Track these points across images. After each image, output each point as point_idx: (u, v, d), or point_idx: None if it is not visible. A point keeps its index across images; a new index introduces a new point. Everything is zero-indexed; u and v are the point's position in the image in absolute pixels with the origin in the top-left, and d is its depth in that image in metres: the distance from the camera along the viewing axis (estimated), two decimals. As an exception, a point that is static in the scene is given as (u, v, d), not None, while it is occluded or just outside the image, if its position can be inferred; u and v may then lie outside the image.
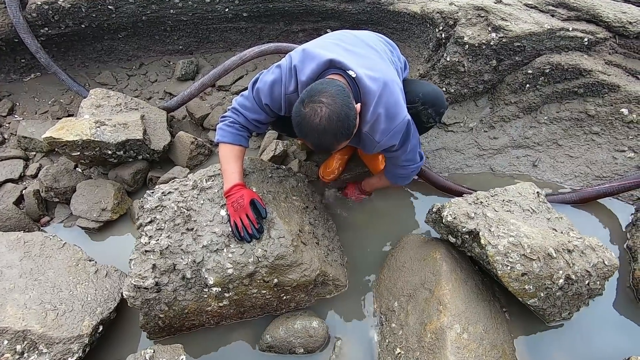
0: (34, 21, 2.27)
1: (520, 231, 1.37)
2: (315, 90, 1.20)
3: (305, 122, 1.18)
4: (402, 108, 1.34)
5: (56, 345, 1.36)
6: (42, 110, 2.46)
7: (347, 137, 1.22)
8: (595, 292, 1.45)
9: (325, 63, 1.29)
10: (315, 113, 1.16)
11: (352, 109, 1.19)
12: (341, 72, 1.29)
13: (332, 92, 1.17)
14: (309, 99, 1.18)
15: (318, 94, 1.18)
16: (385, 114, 1.31)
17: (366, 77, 1.29)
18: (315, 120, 1.16)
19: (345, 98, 1.18)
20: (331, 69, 1.30)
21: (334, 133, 1.18)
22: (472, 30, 1.92)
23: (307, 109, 1.17)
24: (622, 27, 1.90)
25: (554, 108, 2.03)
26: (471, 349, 1.27)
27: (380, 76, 1.31)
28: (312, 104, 1.17)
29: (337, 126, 1.17)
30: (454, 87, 2.05)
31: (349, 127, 1.20)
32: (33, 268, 1.55)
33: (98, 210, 1.90)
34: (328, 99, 1.16)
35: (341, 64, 1.29)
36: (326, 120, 1.16)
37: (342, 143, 1.26)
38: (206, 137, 2.29)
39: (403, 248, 1.69)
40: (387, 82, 1.31)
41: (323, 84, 1.21)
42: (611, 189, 1.76)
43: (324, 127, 1.17)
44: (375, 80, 1.29)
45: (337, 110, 1.16)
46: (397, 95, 1.32)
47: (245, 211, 1.38)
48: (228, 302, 1.44)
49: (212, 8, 2.36)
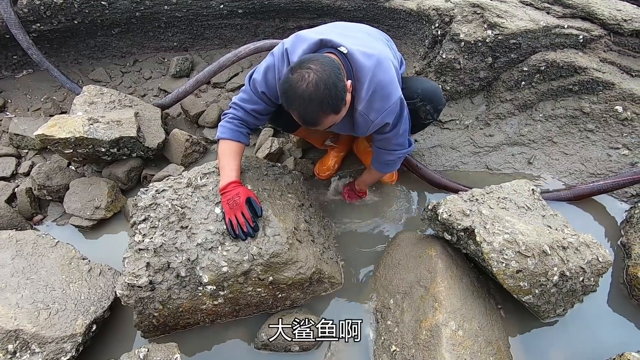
0: (26, 17, 2.24)
1: (515, 228, 1.37)
2: (305, 58, 1.19)
3: (291, 88, 1.15)
4: (396, 87, 1.31)
5: (49, 345, 1.34)
6: (35, 108, 2.44)
7: (333, 109, 1.18)
8: (590, 289, 1.46)
9: (317, 43, 1.28)
10: (303, 78, 1.14)
11: (341, 80, 1.17)
12: (333, 50, 1.28)
13: (322, 61, 1.16)
14: (297, 65, 1.17)
15: (307, 61, 1.16)
16: (380, 92, 1.29)
17: (359, 53, 1.26)
18: (302, 86, 1.13)
19: (334, 68, 1.16)
20: (322, 48, 1.29)
21: (320, 101, 1.15)
22: (468, 27, 1.92)
23: (295, 75, 1.15)
24: (617, 25, 1.90)
25: (549, 105, 2.03)
26: (466, 346, 1.27)
27: (374, 53, 1.28)
28: (301, 70, 1.15)
29: (324, 94, 1.14)
30: (450, 85, 2.05)
31: (337, 97, 1.16)
32: (25, 267, 1.53)
33: (91, 209, 1.88)
34: (317, 65, 1.14)
35: (332, 42, 1.27)
36: (313, 86, 1.13)
37: (329, 117, 1.21)
38: (201, 135, 2.28)
39: (399, 245, 1.69)
40: (381, 59, 1.28)
41: (314, 55, 1.20)
42: (605, 186, 1.77)
43: (310, 94, 1.14)
44: (369, 57, 1.27)
45: (325, 77, 1.13)
46: (391, 73, 1.30)
47: (240, 209, 1.37)
48: (223, 300, 1.44)
49: (207, 4, 2.34)
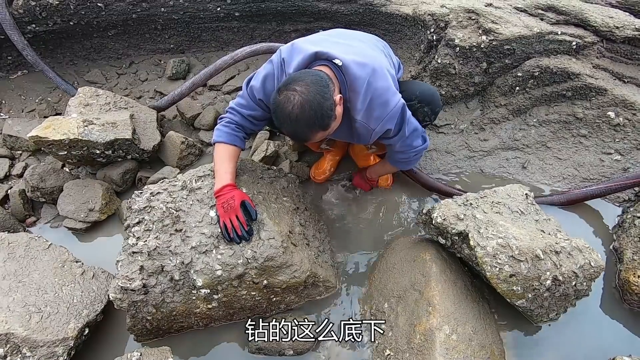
0: (21, 18, 2.23)
1: (508, 232, 1.38)
2: (291, 78, 1.20)
3: (279, 109, 1.18)
4: (393, 93, 1.32)
5: (40, 349, 1.33)
6: (29, 109, 2.42)
7: (321, 127, 1.21)
8: (582, 293, 1.47)
9: (311, 56, 1.30)
10: (289, 100, 1.16)
11: (327, 99, 1.18)
12: (327, 62, 1.29)
13: (307, 81, 1.17)
14: (284, 86, 1.19)
15: (293, 82, 1.18)
16: (377, 101, 1.30)
17: (353, 64, 1.28)
18: (288, 108, 1.16)
19: (320, 88, 1.17)
20: (317, 60, 1.30)
21: (307, 122, 1.17)
22: (463, 32, 1.94)
23: (282, 97, 1.17)
24: (609, 32, 1.92)
25: (542, 111, 2.05)
26: (460, 350, 1.28)
27: (368, 62, 1.29)
28: (287, 91, 1.17)
29: (309, 115, 1.16)
30: (445, 89, 2.06)
31: (323, 117, 1.18)
32: (17, 269, 1.51)
33: (85, 211, 1.87)
34: (302, 87, 1.16)
35: (326, 54, 1.28)
36: (298, 108, 1.15)
37: (318, 134, 1.23)
38: (197, 137, 2.27)
39: (393, 249, 1.69)
40: (375, 68, 1.29)
41: (301, 74, 1.21)
42: (598, 190, 1.79)
43: (296, 116, 1.16)
44: (363, 66, 1.28)
45: (310, 98, 1.15)
46: (387, 81, 1.31)
47: (235, 212, 1.36)
48: (217, 303, 1.43)
49: (204, 7, 2.34)
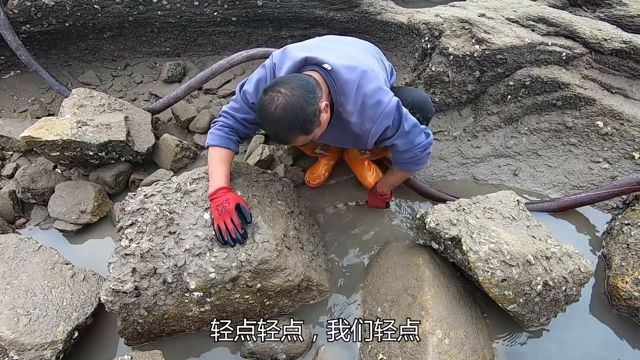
0: (16, 18, 2.22)
1: (500, 238, 1.40)
2: (278, 80, 1.22)
3: (262, 109, 1.20)
4: (385, 92, 1.33)
5: (28, 352, 1.31)
6: (22, 109, 2.39)
7: (303, 131, 1.22)
8: (572, 298, 1.49)
9: (301, 61, 1.31)
10: (272, 101, 1.18)
11: (310, 104, 1.19)
12: (317, 68, 1.30)
13: (294, 84, 1.19)
14: (270, 87, 1.20)
15: (279, 84, 1.20)
16: (369, 102, 1.30)
17: (343, 68, 1.29)
18: (271, 109, 1.18)
19: (305, 92, 1.19)
20: (307, 66, 1.32)
21: (288, 124, 1.19)
22: (456, 41, 1.97)
23: (266, 97, 1.19)
24: (598, 44, 1.98)
25: (534, 119, 2.09)
26: (452, 354, 1.28)
27: (358, 65, 1.31)
28: (272, 92, 1.19)
29: (291, 117, 1.18)
30: (439, 97, 2.09)
31: (304, 121, 1.20)
32: (6, 271, 1.49)
33: (77, 213, 1.85)
34: (287, 89, 1.18)
35: (315, 59, 1.30)
36: (281, 109, 1.17)
37: (299, 137, 1.25)
38: (192, 140, 2.27)
39: (387, 254, 1.70)
40: (366, 70, 1.31)
41: (289, 77, 1.23)
42: (587, 198, 1.83)
43: (278, 117, 1.18)
44: (353, 70, 1.29)
45: (293, 101, 1.17)
46: (378, 82, 1.32)
47: (230, 215, 1.36)
48: (210, 307, 1.42)
49: (201, 11, 2.35)
